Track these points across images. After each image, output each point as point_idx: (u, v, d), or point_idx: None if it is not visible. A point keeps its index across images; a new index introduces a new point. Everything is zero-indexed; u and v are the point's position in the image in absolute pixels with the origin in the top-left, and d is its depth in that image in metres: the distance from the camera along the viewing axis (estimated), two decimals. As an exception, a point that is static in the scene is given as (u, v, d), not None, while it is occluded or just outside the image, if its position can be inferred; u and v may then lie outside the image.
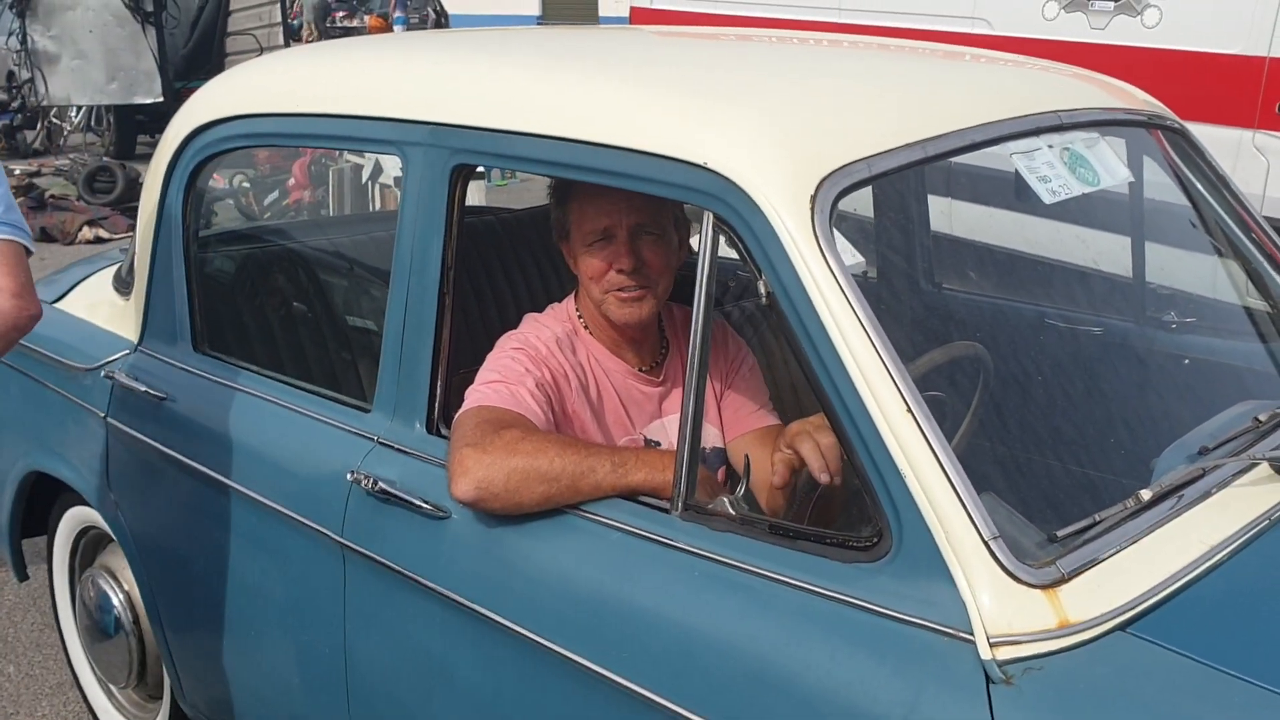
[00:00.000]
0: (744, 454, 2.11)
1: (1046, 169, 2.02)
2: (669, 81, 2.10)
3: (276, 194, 8.65)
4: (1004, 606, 1.48)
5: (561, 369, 2.18)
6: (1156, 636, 1.48)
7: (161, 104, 11.68)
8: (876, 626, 1.54)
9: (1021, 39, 5.89)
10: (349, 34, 18.92)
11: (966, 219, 3.75)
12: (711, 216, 1.75)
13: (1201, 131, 2.49)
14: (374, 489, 2.10)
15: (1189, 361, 2.54)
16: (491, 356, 2.17)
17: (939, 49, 2.73)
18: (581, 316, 2.28)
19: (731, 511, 1.76)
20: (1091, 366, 2.56)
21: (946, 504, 1.52)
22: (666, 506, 1.81)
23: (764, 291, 1.70)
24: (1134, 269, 2.65)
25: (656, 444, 2.27)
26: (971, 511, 1.52)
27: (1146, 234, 2.60)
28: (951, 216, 3.72)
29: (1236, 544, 1.65)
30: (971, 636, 1.47)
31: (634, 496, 1.87)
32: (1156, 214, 2.57)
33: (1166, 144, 2.43)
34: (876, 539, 1.60)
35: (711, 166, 1.74)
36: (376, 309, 2.84)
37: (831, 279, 1.64)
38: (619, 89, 2.04)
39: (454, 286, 2.11)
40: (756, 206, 1.69)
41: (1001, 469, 2.01)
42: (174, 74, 12.31)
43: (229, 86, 2.69)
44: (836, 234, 1.70)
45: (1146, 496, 1.68)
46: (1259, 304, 2.43)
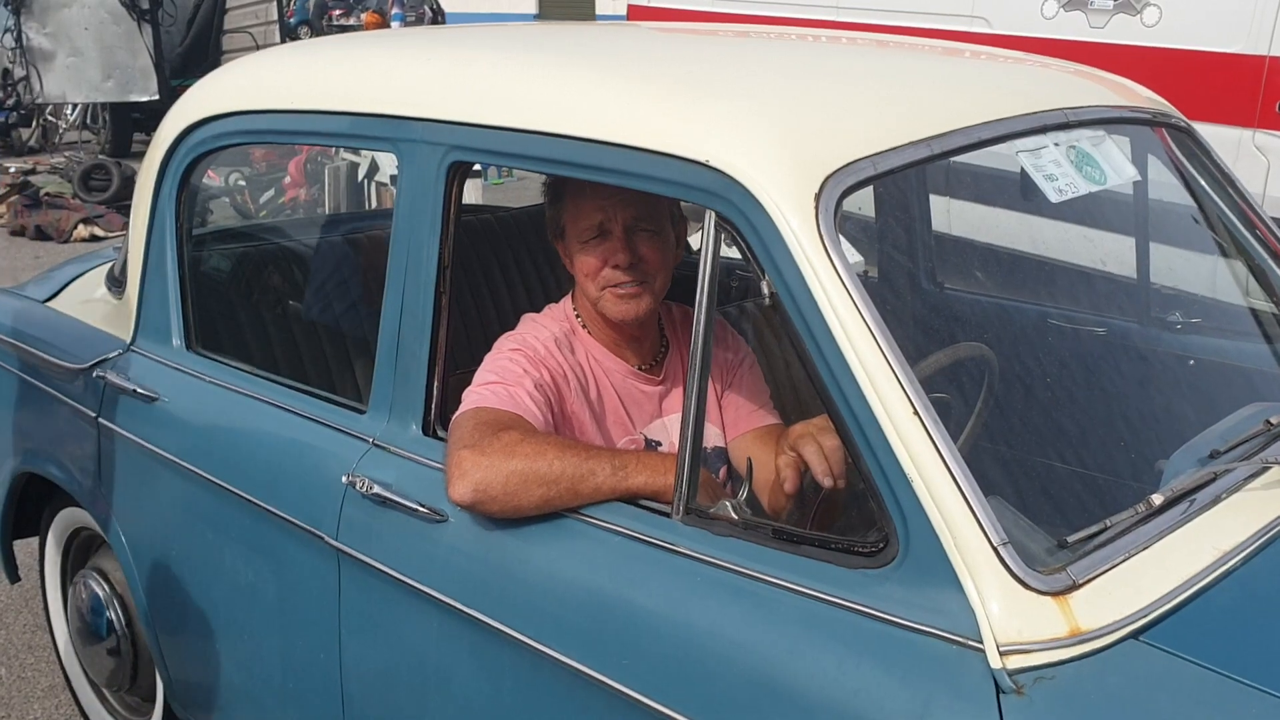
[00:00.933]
0: (745, 455, 2.08)
1: (1053, 167, 1.99)
2: (669, 78, 2.07)
3: (272, 192, 8.62)
4: (1014, 614, 1.45)
5: (560, 369, 2.15)
6: (1170, 645, 1.45)
7: (157, 102, 11.63)
8: (884, 634, 1.50)
9: (1020, 38, 5.87)
10: (345, 32, 18.89)
11: (969, 219, 3.73)
12: (713, 215, 1.72)
13: (1201, 131, 2.46)
14: (369, 492, 2.07)
15: (1194, 363, 2.52)
16: (489, 358, 2.14)
17: (938, 45, 2.70)
18: (579, 316, 2.25)
19: (734, 516, 1.73)
20: (1096, 367, 2.53)
21: (954, 509, 1.49)
22: (668, 510, 1.78)
23: (767, 292, 1.67)
24: (1139, 269, 2.62)
25: (657, 444, 2.24)
26: (980, 516, 1.49)
27: (1153, 234, 2.57)
28: (950, 216, 3.69)
29: (1250, 549, 1.62)
30: (981, 645, 1.44)
31: (634, 500, 1.84)
32: (1163, 214, 2.54)
33: (1171, 142, 2.40)
34: (883, 544, 1.56)
35: (713, 164, 1.70)
36: (373, 309, 2.81)
37: (836, 279, 1.60)
38: (618, 85, 2.00)
39: (451, 286, 2.08)
40: (760, 205, 1.66)
41: (1008, 472, 1.97)
42: (170, 72, 12.27)
43: (223, 83, 2.66)
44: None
45: (1158, 501, 1.65)
46: (1265, 305, 2.40)
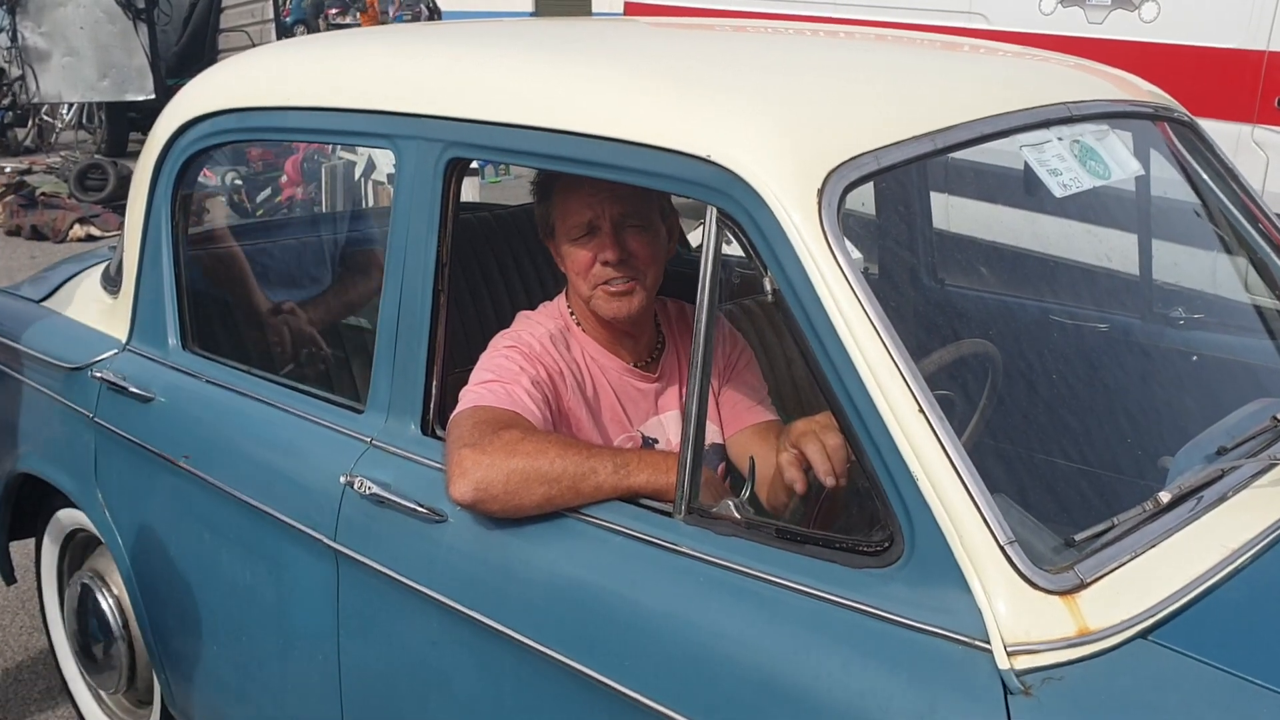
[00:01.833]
0: (743, 452, 2.07)
1: (1057, 162, 1.97)
2: (669, 73, 2.05)
3: (269, 191, 8.59)
4: (1021, 614, 1.43)
5: (556, 366, 2.13)
6: (1179, 644, 1.43)
7: (153, 101, 11.58)
8: (889, 635, 1.49)
9: (1018, 33, 5.84)
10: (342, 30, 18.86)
11: (969, 216, 3.71)
12: (715, 211, 1.70)
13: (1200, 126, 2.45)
14: (368, 492, 2.05)
15: (1197, 358, 2.50)
16: (485, 356, 2.12)
17: (937, 40, 2.69)
18: (574, 313, 2.24)
19: (736, 515, 1.71)
20: (1100, 364, 2.51)
21: (960, 508, 1.47)
22: (669, 510, 1.76)
23: (770, 288, 1.65)
24: (1141, 265, 2.61)
25: (654, 441, 2.22)
26: (986, 515, 1.47)
27: (1155, 229, 2.55)
28: (950, 212, 3.67)
29: (1259, 547, 1.61)
30: (988, 645, 1.42)
31: (636, 499, 1.82)
32: (1165, 209, 2.53)
33: (1174, 137, 2.38)
34: (888, 544, 1.55)
35: (715, 160, 1.69)
36: (369, 307, 2.80)
37: (840, 275, 1.58)
38: (618, 81, 1.99)
39: (449, 284, 2.07)
40: (762, 201, 1.64)
41: (1013, 470, 1.96)
42: (166, 71, 12.23)
43: (218, 80, 2.64)
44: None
45: (1165, 499, 1.63)
46: (1269, 300, 2.38)
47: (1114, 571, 1.51)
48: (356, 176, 8.09)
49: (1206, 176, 2.38)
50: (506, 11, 18.48)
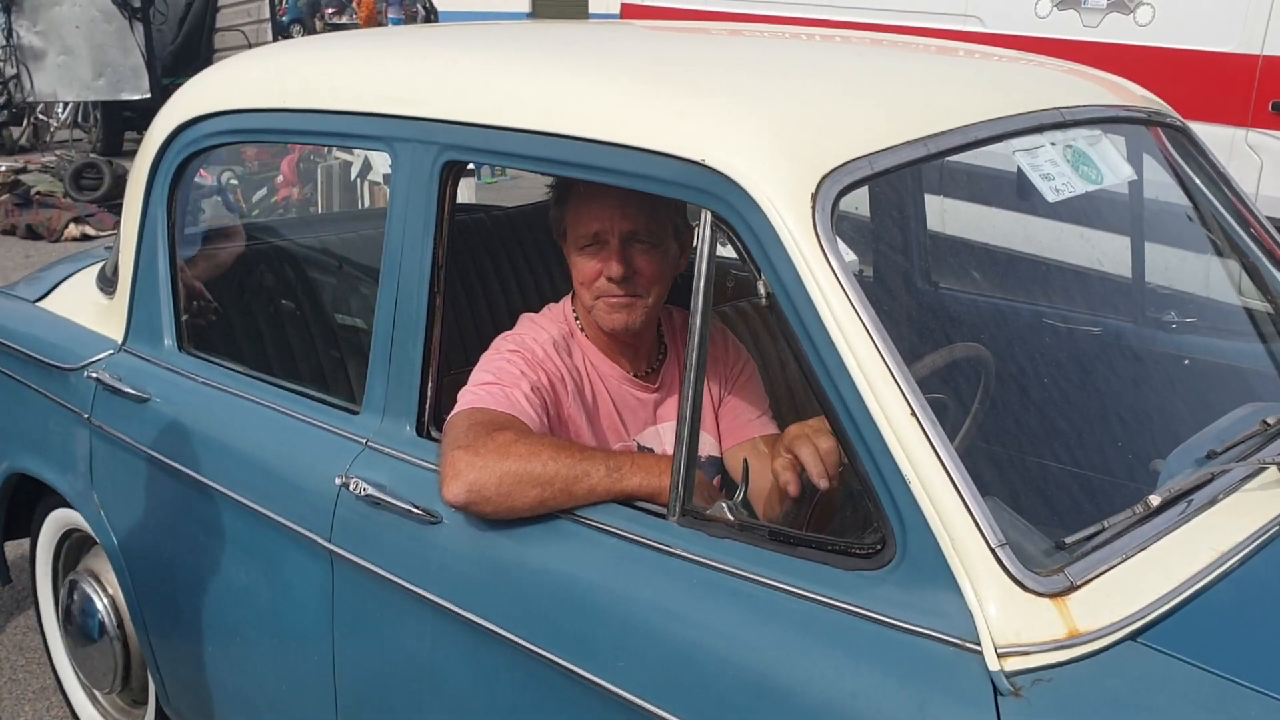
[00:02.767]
0: (743, 460, 2.07)
1: (1050, 167, 1.98)
2: (664, 76, 2.06)
3: (265, 191, 8.59)
4: (1011, 616, 1.44)
5: (558, 372, 2.14)
6: (1168, 646, 1.44)
7: (149, 100, 11.58)
8: (881, 636, 1.50)
9: (1014, 37, 5.86)
10: (338, 30, 18.86)
11: (963, 219, 3.72)
12: (709, 215, 1.71)
13: (1194, 130, 2.46)
14: (363, 493, 2.05)
15: (1189, 362, 2.51)
16: (486, 357, 2.13)
17: (932, 44, 2.69)
18: (578, 319, 2.24)
19: (730, 517, 1.72)
20: (1092, 367, 2.52)
21: (952, 510, 1.49)
22: (663, 512, 1.77)
23: (763, 292, 1.66)
24: (1134, 268, 2.62)
25: (649, 451, 2.23)
26: (977, 518, 1.48)
27: (1148, 233, 2.56)
28: (944, 216, 3.68)
29: (1247, 550, 1.62)
30: (978, 647, 1.43)
31: (630, 501, 1.83)
32: (1158, 213, 2.54)
33: (1167, 141, 2.39)
34: (880, 546, 1.56)
35: (709, 163, 1.70)
36: (365, 308, 2.80)
37: (833, 279, 1.59)
38: (613, 84, 1.99)
39: (444, 285, 2.07)
40: (756, 204, 1.65)
41: (1005, 474, 1.97)
42: (161, 70, 12.23)
43: (214, 81, 2.64)
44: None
45: (1155, 502, 1.64)
46: (1260, 304, 2.39)
47: (1104, 574, 1.53)
48: (353, 177, 8.09)
49: (1199, 181, 2.39)
50: (503, 13, 18.50)
